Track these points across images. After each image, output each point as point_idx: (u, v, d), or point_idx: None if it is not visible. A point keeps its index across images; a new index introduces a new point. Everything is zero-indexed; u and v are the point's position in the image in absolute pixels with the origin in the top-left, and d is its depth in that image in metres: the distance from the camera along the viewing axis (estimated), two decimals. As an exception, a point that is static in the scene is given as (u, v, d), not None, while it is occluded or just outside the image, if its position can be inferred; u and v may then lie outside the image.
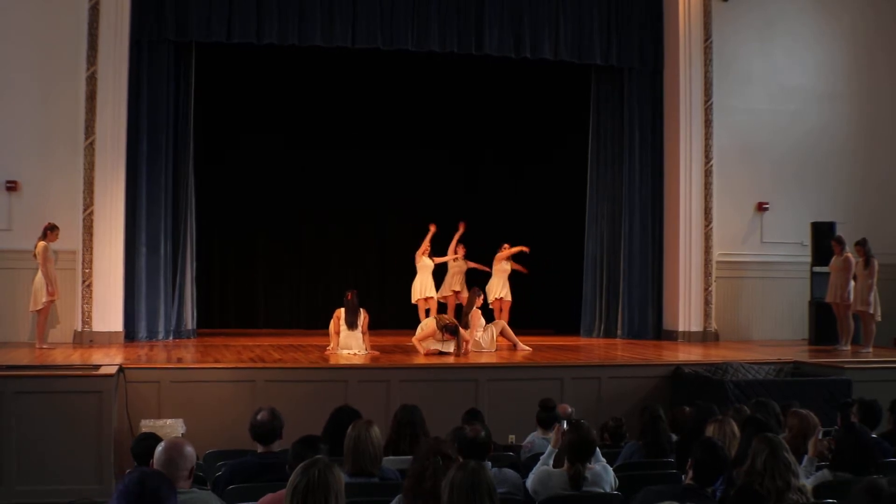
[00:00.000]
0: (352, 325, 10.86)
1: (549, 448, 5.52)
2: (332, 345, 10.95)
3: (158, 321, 12.08)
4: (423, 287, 13.03)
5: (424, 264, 13.08)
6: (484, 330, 11.58)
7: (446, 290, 13.51)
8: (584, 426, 5.30)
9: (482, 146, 15.78)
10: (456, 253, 13.49)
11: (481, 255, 15.43)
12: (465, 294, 12.97)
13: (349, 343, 10.78)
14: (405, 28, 12.72)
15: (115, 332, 11.48)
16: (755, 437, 4.72)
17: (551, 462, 5.41)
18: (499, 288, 13.21)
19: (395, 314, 13.90)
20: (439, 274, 13.50)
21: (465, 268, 13.64)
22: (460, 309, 12.30)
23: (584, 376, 10.09)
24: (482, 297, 12.10)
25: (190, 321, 12.53)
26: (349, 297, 11.05)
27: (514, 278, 13.67)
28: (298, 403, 8.58)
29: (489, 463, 4.80)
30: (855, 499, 3.38)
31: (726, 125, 13.66)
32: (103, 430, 8.26)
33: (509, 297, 13.27)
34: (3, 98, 11.43)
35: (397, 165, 15.32)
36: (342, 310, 10.97)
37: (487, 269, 13.36)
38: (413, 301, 13.14)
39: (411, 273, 13.29)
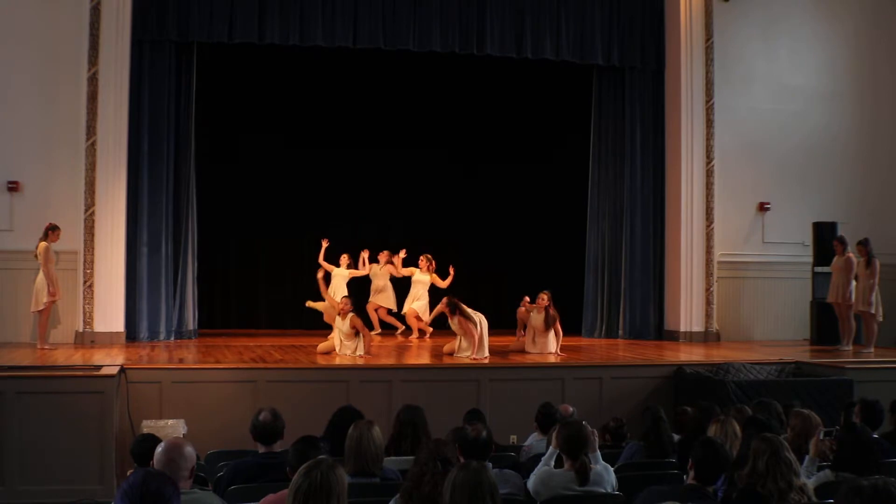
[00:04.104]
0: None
1: (550, 449, 5.52)
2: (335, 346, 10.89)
3: (160, 321, 12.09)
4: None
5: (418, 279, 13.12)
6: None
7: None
8: (574, 421, 5.38)
9: (483, 146, 15.76)
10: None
11: (481, 254, 15.48)
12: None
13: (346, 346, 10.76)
14: (406, 28, 12.73)
15: (117, 332, 11.49)
16: (755, 438, 4.72)
17: (552, 462, 5.41)
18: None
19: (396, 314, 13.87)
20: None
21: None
22: None
23: (585, 376, 10.10)
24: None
25: (191, 321, 12.53)
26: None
27: (512, 279, 13.66)
28: (300, 404, 8.59)
29: (490, 463, 4.80)
30: (841, 499, 3.41)
31: (728, 125, 13.66)
32: (105, 430, 8.27)
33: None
34: (5, 98, 11.44)
35: (398, 165, 15.30)
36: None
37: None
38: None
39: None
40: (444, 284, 12.99)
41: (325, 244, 12.98)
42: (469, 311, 10.82)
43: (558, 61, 13.47)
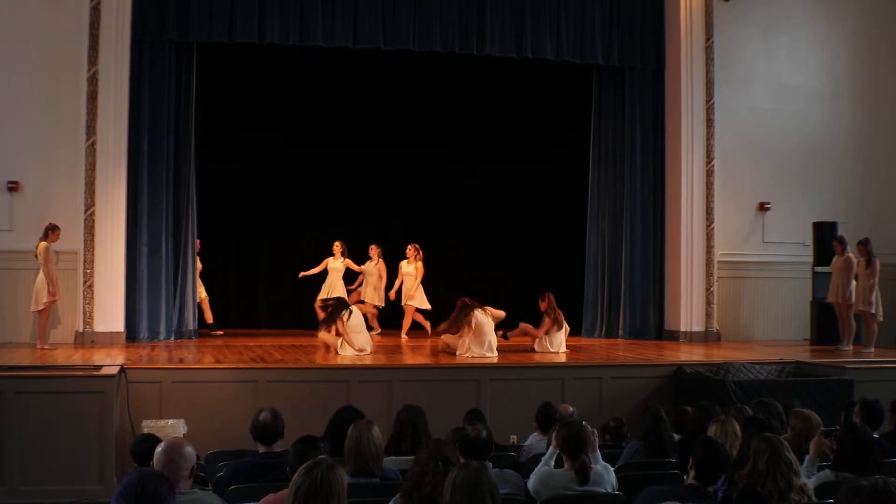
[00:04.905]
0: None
1: (551, 449, 5.52)
2: (336, 344, 10.90)
3: (160, 321, 12.08)
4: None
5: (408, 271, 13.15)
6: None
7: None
8: (574, 421, 5.40)
9: (483, 146, 15.76)
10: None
11: (481, 254, 15.48)
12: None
13: (362, 342, 10.84)
14: (406, 28, 12.73)
15: (117, 332, 11.49)
16: (755, 438, 4.72)
17: (552, 462, 5.41)
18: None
19: (396, 313, 13.86)
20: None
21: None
22: None
23: (585, 376, 10.10)
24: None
25: (191, 321, 12.52)
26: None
27: (512, 280, 13.65)
28: (300, 404, 8.59)
29: (490, 463, 4.80)
30: (840, 499, 3.42)
31: (728, 125, 13.66)
32: (105, 430, 8.27)
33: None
34: (5, 99, 11.44)
35: (398, 165, 15.29)
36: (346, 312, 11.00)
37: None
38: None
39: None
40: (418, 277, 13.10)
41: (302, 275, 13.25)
42: (477, 313, 10.92)
43: (558, 61, 13.47)
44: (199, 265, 12.92)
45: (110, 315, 11.50)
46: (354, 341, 10.74)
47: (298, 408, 8.24)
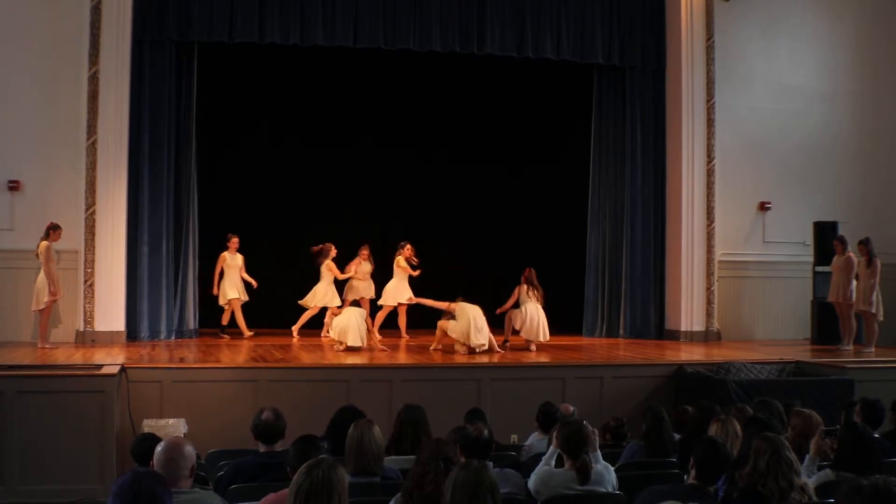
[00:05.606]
0: None
1: (551, 448, 5.52)
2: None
3: (160, 321, 12.09)
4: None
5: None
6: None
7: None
8: (575, 421, 5.40)
9: (484, 146, 15.77)
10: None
11: (482, 254, 15.48)
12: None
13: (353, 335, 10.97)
14: (407, 28, 12.73)
15: (117, 331, 11.49)
16: (756, 438, 4.72)
17: (553, 462, 5.41)
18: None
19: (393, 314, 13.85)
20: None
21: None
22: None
23: (586, 376, 10.10)
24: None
25: (192, 321, 12.53)
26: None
27: (513, 280, 13.61)
28: (300, 403, 8.59)
29: (491, 463, 4.80)
30: (841, 499, 3.42)
31: (728, 124, 13.66)
32: (105, 429, 8.28)
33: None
34: (6, 98, 11.43)
35: (399, 165, 15.31)
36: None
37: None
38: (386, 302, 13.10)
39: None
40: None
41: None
42: (465, 304, 11.27)
43: (559, 61, 13.46)
44: (239, 262, 12.70)
45: (111, 314, 11.51)
46: (348, 332, 10.87)
47: (299, 407, 8.24)
